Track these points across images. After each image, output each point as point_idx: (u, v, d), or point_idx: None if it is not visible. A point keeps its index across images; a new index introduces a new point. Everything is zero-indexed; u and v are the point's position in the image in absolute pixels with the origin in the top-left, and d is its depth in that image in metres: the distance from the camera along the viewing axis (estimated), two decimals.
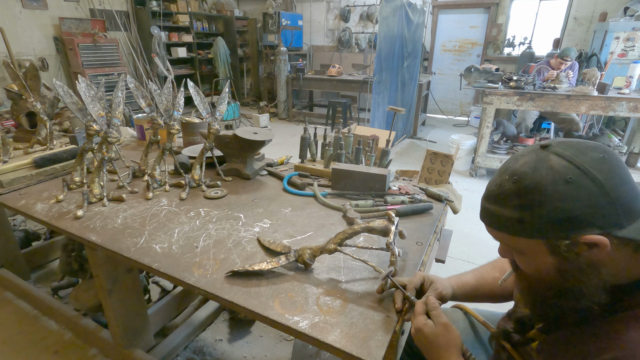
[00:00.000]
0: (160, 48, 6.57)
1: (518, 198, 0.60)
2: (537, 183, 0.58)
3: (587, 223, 0.56)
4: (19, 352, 1.75)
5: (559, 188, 0.56)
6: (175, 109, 1.53)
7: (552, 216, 0.57)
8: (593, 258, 0.58)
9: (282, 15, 7.37)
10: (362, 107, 6.44)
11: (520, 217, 0.60)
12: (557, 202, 0.56)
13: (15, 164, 1.67)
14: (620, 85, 3.78)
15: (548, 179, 0.57)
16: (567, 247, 0.58)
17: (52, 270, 2.34)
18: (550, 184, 0.57)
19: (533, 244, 0.61)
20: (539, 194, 0.58)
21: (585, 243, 0.57)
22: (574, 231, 0.57)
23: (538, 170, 0.59)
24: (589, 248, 0.58)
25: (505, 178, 0.63)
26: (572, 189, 0.56)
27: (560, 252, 0.59)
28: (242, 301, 0.88)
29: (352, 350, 0.74)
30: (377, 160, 1.63)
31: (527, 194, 0.59)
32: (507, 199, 0.62)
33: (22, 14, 5.35)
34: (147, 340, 1.62)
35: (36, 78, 1.84)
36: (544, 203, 0.57)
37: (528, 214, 0.59)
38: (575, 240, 0.57)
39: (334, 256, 1.06)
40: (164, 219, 1.27)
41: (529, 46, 6.15)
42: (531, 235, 0.60)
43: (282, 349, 1.77)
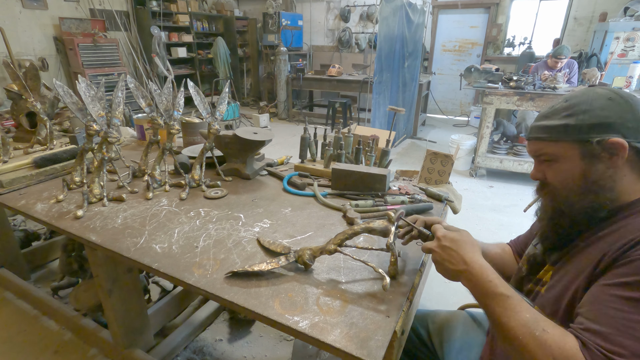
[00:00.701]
0: (160, 48, 6.57)
1: (567, 110, 0.77)
2: (586, 99, 0.76)
3: (616, 129, 0.72)
4: (19, 352, 1.75)
5: (601, 101, 0.74)
6: (175, 109, 1.53)
7: (592, 120, 0.73)
8: (613, 165, 0.73)
9: (282, 15, 7.37)
10: (362, 107, 6.44)
11: (566, 123, 0.76)
12: (598, 110, 0.74)
13: (15, 164, 1.67)
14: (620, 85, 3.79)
15: (593, 96, 0.76)
16: (597, 143, 0.73)
17: (52, 270, 2.34)
18: (595, 99, 0.75)
19: (569, 148, 0.76)
20: (587, 105, 0.75)
21: (612, 144, 0.72)
22: (605, 133, 0.72)
23: (587, 94, 0.77)
24: (609, 156, 0.73)
25: (558, 101, 0.81)
26: (610, 103, 0.74)
27: (590, 156, 0.74)
28: (242, 301, 0.88)
29: (352, 350, 0.74)
30: (377, 160, 1.63)
31: (575, 106, 0.76)
32: (558, 112, 0.78)
33: (22, 14, 5.35)
34: (147, 340, 1.62)
35: (36, 78, 1.84)
36: (588, 110, 0.74)
37: (573, 119, 0.75)
38: (604, 140, 0.72)
39: (334, 256, 1.06)
40: (164, 219, 1.27)
41: (529, 46, 6.15)
42: (572, 137, 0.75)
43: (282, 349, 1.77)
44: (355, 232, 0.97)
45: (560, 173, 0.79)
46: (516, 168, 4.01)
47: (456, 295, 2.23)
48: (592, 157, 0.74)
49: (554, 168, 0.80)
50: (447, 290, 2.27)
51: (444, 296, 2.21)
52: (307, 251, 0.98)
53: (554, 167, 0.80)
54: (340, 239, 0.97)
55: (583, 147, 0.74)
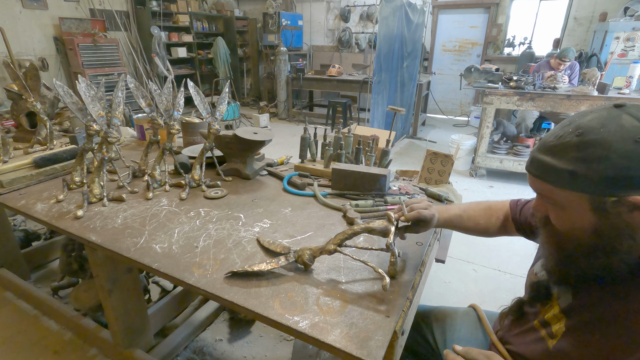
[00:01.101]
0: (160, 48, 6.57)
1: (578, 151, 0.60)
2: (604, 139, 0.57)
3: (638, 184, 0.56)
4: (19, 352, 1.75)
5: (625, 146, 0.56)
6: (175, 109, 1.53)
7: (609, 173, 0.57)
8: (632, 221, 0.59)
9: (282, 15, 7.37)
10: (362, 107, 6.43)
11: (574, 169, 0.60)
12: (620, 159, 0.56)
13: (15, 164, 1.67)
14: (620, 85, 3.79)
15: (616, 136, 0.57)
16: (613, 204, 0.58)
17: (52, 270, 2.34)
18: (617, 141, 0.56)
19: (577, 199, 0.62)
20: (603, 149, 0.57)
21: (632, 203, 0.57)
22: (626, 190, 0.57)
23: (607, 126, 0.58)
24: (629, 210, 0.58)
25: (568, 131, 0.62)
26: (637, 148, 0.55)
27: (603, 210, 0.60)
28: (242, 301, 0.88)
29: (352, 350, 0.74)
30: (377, 160, 1.63)
31: (589, 148, 0.59)
32: (566, 151, 0.61)
33: (22, 14, 5.35)
34: (147, 340, 1.62)
35: (36, 78, 1.84)
36: (605, 159, 0.57)
37: (584, 167, 0.59)
38: (622, 199, 0.58)
39: (334, 256, 1.06)
40: (164, 219, 1.27)
41: (529, 46, 6.15)
42: (580, 189, 0.60)
43: (282, 349, 1.77)
44: (355, 232, 0.97)
45: (567, 222, 0.66)
46: (516, 168, 4.01)
47: (456, 295, 2.23)
48: (605, 211, 0.60)
49: (559, 214, 0.67)
50: (447, 291, 2.27)
51: (444, 296, 2.21)
52: (307, 251, 0.98)
53: (559, 212, 0.66)
54: (340, 239, 0.97)
55: (594, 200, 0.60)
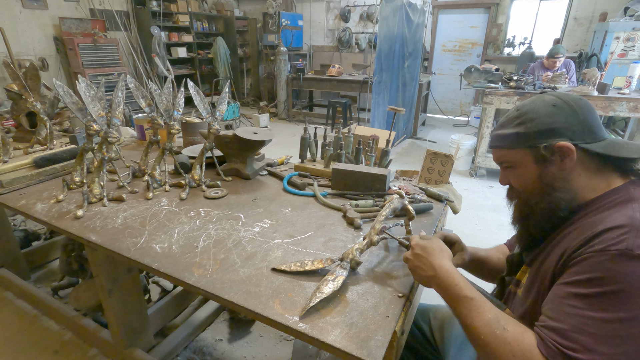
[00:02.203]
0: (160, 48, 6.57)
1: (518, 119, 0.82)
2: (533, 107, 0.81)
3: (562, 134, 0.77)
4: (19, 352, 1.75)
5: (546, 109, 0.79)
6: (175, 109, 1.53)
7: (539, 127, 0.78)
8: (564, 167, 0.78)
9: (282, 15, 7.37)
10: (362, 107, 6.44)
11: (517, 131, 0.81)
12: (543, 117, 0.79)
13: (16, 164, 1.67)
14: (620, 85, 3.79)
15: (540, 104, 0.80)
16: (545, 149, 0.77)
17: (52, 270, 2.34)
18: (541, 107, 0.80)
19: (523, 154, 0.81)
20: (533, 113, 0.80)
21: (559, 148, 0.76)
22: (552, 138, 0.77)
23: (535, 101, 0.82)
24: (560, 159, 0.77)
25: (512, 111, 0.86)
26: (555, 110, 0.78)
27: (542, 160, 0.79)
28: (242, 301, 0.88)
29: (352, 350, 0.74)
30: (377, 160, 1.63)
31: (524, 115, 0.81)
32: (510, 121, 0.84)
33: (22, 14, 5.35)
34: (147, 340, 1.62)
35: (36, 78, 1.84)
36: (534, 119, 0.79)
37: (523, 127, 0.80)
38: (551, 145, 0.77)
39: (334, 256, 1.06)
40: (164, 219, 1.27)
41: (529, 46, 6.15)
42: (523, 144, 0.81)
43: (282, 349, 1.77)
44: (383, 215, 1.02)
45: (520, 178, 0.85)
46: None
47: None
48: (544, 161, 0.79)
49: (515, 174, 0.86)
50: None
51: None
52: (355, 252, 0.96)
53: (514, 172, 0.86)
54: (377, 227, 0.99)
55: (534, 153, 0.80)
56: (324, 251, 1.09)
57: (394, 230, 1.20)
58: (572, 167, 0.77)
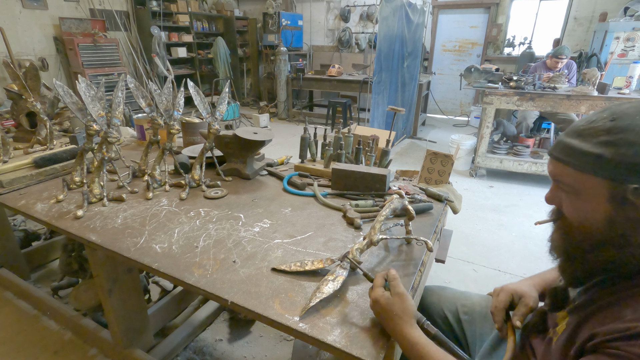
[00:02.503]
0: (160, 48, 6.57)
1: (609, 134, 0.59)
2: (637, 125, 0.57)
3: None
4: (19, 352, 1.75)
5: None
6: (175, 109, 1.53)
7: (636, 159, 0.56)
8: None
9: (282, 15, 7.37)
10: (362, 107, 6.43)
11: (600, 153, 0.59)
12: None
13: (15, 164, 1.67)
14: (620, 85, 3.79)
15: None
16: (634, 191, 0.57)
17: (52, 270, 2.34)
18: None
19: (596, 185, 0.60)
20: (636, 135, 0.56)
21: None
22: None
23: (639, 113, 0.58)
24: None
25: (602, 117, 0.61)
26: None
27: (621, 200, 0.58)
28: (242, 301, 0.88)
29: (352, 350, 0.74)
30: (377, 160, 1.63)
31: (620, 133, 0.58)
32: (595, 134, 0.60)
33: (22, 14, 5.34)
34: (147, 340, 1.62)
35: (36, 78, 1.84)
36: (636, 144, 0.56)
37: (611, 151, 0.58)
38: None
39: (334, 256, 1.06)
40: (164, 219, 1.27)
41: (529, 46, 6.15)
42: (603, 174, 0.59)
43: (282, 349, 1.77)
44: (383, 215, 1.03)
45: (580, 211, 0.64)
46: (516, 168, 4.01)
47: None
48: (624, 203, 0.58)
49: (573, 202, 0.65)
50: None
51: None
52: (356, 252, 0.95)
53: (574, 201, 0.65)
54: (377, 227, 0.99)
55: (615, 189, 0.58)
56: (324, 251, 1.09)
57: (394, 230, 1.20)
58: None
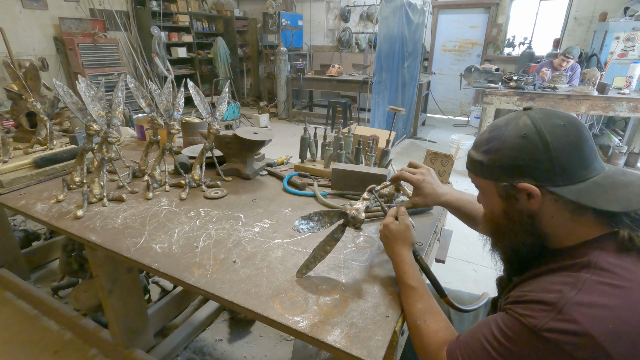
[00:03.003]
0: (160, 48, 6.57)
1: (486, 144, 0.72)
2: (501, 134, 0.70)
3: (526, 173, 0.67)
4: (19, 352, 1.75)
5: (514, 140, 0.68)
6: (175, 109, 1.53)
7: (502, 162, 0.69)
8: (530, 207, 0.69)
9: (282, 15, 7.37)
10: (362, 107, 6.43)
11: (482, 160, 0.73)
12: (508, 150, 0.68)
13: (15, 164, 1.67)
14: (620, 85, 3.79)
15: (510, 132, 0.69)
16: (504, 189, 0.70)
17: (52, 270, 2.34)
18: (509, 137, 0.68)
19: (488, 185, 0.74)
20: (499, 142, 0.70)
21: (522, 189, 0.67)
22: (514, 177, 0.68)
23: (508, 124, 0.70)
24: (527, 197, 0.68)
25: (487, 129, 0.76)
26: (522, 142, 0.66)
27: (506, 196, 0.71)
28: (242, 301, 0.88)
29: (352, 350, 0.74)
30: (377, 160, 1.63)
31: (491, 142, 0.71)
32: (480, 144, 0.75)
33: (22, 14, 5.35)
34: (147, 340, 1.62)
35: (36, 78, 1.84)
36: (499, 150, 0.69)
37: (487, 158, 0.72)
38: (513, 185, 0.68)
39: (334, 256, 1.06)
40: (164, 219, 1.27)
41: (529, 46, 6.15)
42: (485, 176, 0.74)
43: (282, 349, 1.77)
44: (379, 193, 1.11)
45: (488, 206, 0.80)
46: None
47: None
48: (509, 198, 0.70)
49: (483, 200, 0.81)
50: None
51: None
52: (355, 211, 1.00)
53: (483, 199, 0.80)
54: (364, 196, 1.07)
55: (498, 187, 0.71)
56: None
57: None
58: (543, 208, 0.68)
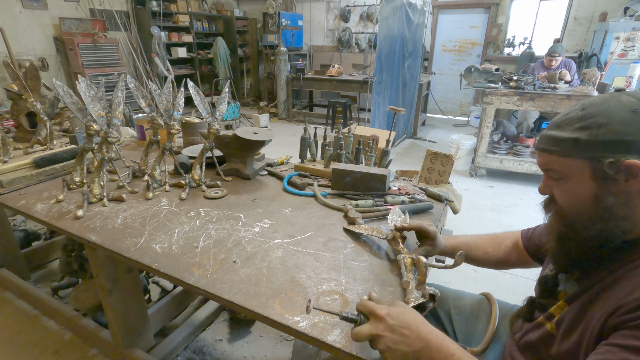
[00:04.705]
0: (160, 48, 6.57)
1: (581, 121, 0.67)
2: (605, 109, 0.65)
3: (634, 149, 0.62)
4: (19, 352, 1.75)
5: (622, 114, 0.63)
6: (175, 109, 1.53)
7: (607, 137, 0.63)
8: (629, 189, 0.64)
9: (282, 15, 7.37)
10: (362, 107, 6.43)
11: (577, 137, 0.66)
12: (617, 125, 0.63)
13: (16, 164, 1.67)
14: (620, 85, 3.79)
15: (616, 107, 0.64)
16: (609, 165, 0.63)
17: (52, 270, 2.34)
18: (615, 111, 0.64)
19: (579, 167, 0.67)
20: (604, 118, 0.64)
21: (628, 167, 0.62)
22: (621, 153, 0.62)
23: (608, 101, 0.66)
24: (626, 179, 0.63)
25: (574, 109, 0.70)
26: (634, 117, 0.62)
27: (602, 177, 0.65)
28: (242, 301, 0.88)
29: (352, 350, 0.74)
30: (377, 160, 1.63)
31: (591, 117, 0.66)
32: (571, 123, 0.68)
33: (22, 14, 5.35)
34: (147, 340, 1.62)
35: (36, 78, 1.84)
36: (605, 125, 0.64)
37: (586, 133, 0.65)
38: (618, 162, 0.62)
39: (334, 256, 1.06)
40: (164, 219, 1.27)
41: (529, 46, 6.15)
42: (582, 154, 0.66)
43: (282, 349, 1.77)
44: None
45: (569, 194, 0.71)
46: (516, 168, 4.01)
47: None
48: (606, 179, 0.65)
49: (563, 187, 0.72)
50: None
51: None
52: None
53: (563, 185, 0.72)
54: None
55: (595, 167, 0.65)
56: (324, 251, 1.09)
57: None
58: (638, 191, 0.64)
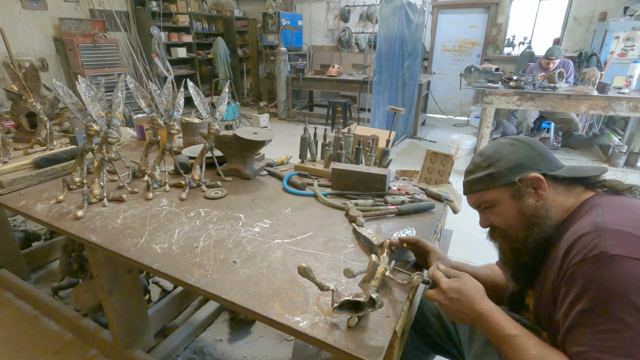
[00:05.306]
0: (160, 48, 6.57)
1: (486, 161, 0.90)
2: (495, 150, 0.91)
3: (528, 167, 0.86)
4: (19, 353, 1.75)
5: (507, 148, 0.89)
6: (175, 109, 1.53)
7: (508, 165, 0.87)
8: (540, 197, 0.85)
9: (282, 15, 7.36)
10: (362, 107, 6.43)
11: (488, 173, 0.89)
12: (508, 155, 0.88)
13: (16, 165, 1.67)
14: (620, 84, 3.78)
15: (500, 146, 0.91)
16: (519, 182, 0.85)
17: (52, 271, 2.34)
18: (501, 148, 0.90)
19: (500, 192, 0.88)
20: (497, 154, 0.89)
21: (531, 179, 0.84)
22: (522, 171, 0.85)
23: (494, 146, 0.93)
24: (534, 191, 0.85)
25: (474, 158, 0.95)
26: (515, 148, 0.89)
27: (518, 195, 0.86)
28: (242, 301, 0.88)
29: (352, 350, 0.74)
30: (377, 160, 1.63)
31: (490, 157, 0.90)
32: (478, 166, 0.92)
33: (22, 15, 5.34)
34: (147, 340, 1.62)
35: (36, 78, 1.84)
36: (501, 158, 0.88)
37: (493, 168, 0.88)
38: (523, 178, 0.85)
39: (334, 256, 1.06)
40: (164, 219, 1.27)
41: (529, 46, 6.15)
42: (497, 183, 0.87)
43: (282, 349, 1.77)
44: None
45: (501, 215, 0.90)
46: None
47: None
48: (520, 195, 0.86)
49: (495, 213, 0.91)
50: None
51: None
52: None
53: (494, 212, 0.91)
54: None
55: (510, 189, 0.86)
56: (324, 251, 1.09)
57: None
58: (546, 195, 0.84)
